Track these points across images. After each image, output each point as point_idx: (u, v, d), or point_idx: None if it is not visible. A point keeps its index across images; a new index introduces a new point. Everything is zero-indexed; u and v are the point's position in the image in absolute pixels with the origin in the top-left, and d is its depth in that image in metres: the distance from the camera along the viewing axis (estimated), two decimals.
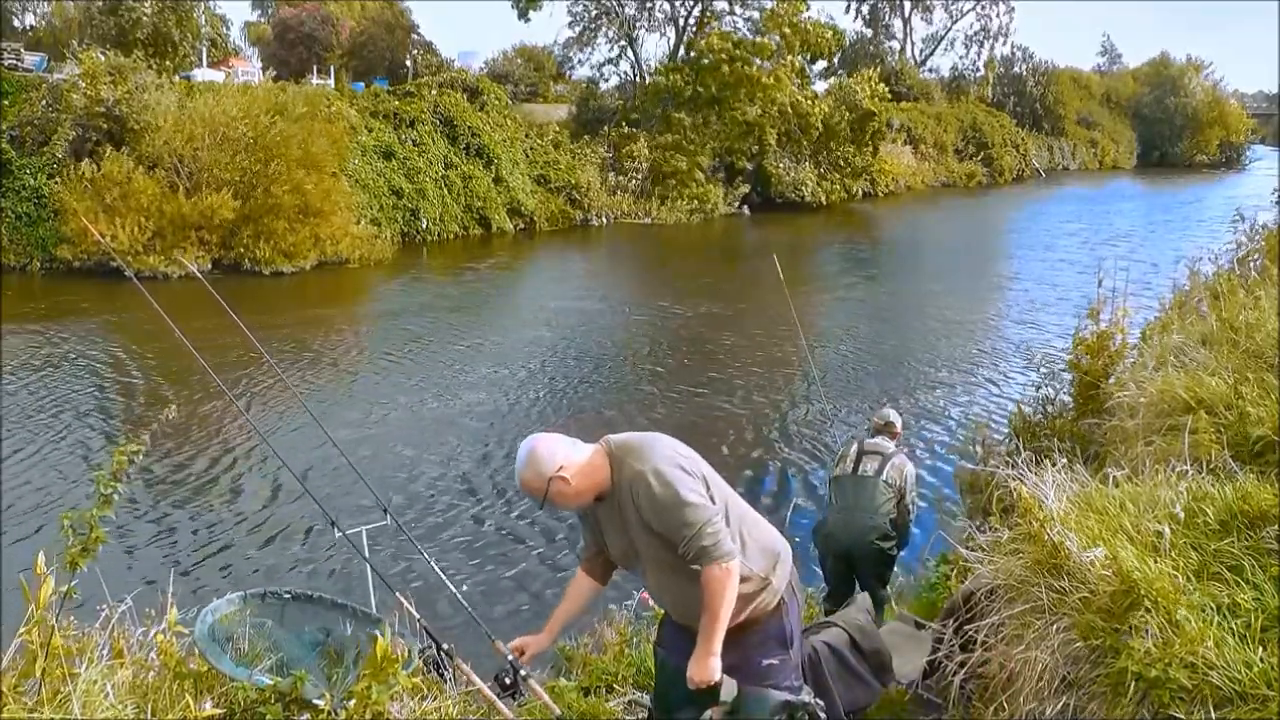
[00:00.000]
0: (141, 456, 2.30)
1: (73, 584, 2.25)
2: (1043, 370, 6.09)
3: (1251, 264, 6.16)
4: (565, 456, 2.76)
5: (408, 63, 40.34)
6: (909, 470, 5.43)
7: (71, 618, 2.54)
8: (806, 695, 2.98)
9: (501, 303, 19.70)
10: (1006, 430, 6.34)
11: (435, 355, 14.78)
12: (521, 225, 28.62)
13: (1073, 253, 25.80)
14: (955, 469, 8.16)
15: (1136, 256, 22.09)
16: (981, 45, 54.46)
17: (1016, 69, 56.29)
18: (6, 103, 21.33)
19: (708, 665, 2.76)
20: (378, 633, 2.42)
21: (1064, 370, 5.82)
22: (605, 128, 34.19)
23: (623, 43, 38.00)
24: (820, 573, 5.72)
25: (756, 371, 13.79)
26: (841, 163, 37.14)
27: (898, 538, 5.33)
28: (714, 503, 2.76)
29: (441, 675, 3.24)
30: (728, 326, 16.95)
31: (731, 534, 2.80)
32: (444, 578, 4.07)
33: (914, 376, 13.72)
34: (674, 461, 2.71)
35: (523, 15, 37.52)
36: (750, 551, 2.85)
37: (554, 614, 3.11)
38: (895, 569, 5.67)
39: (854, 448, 5.49)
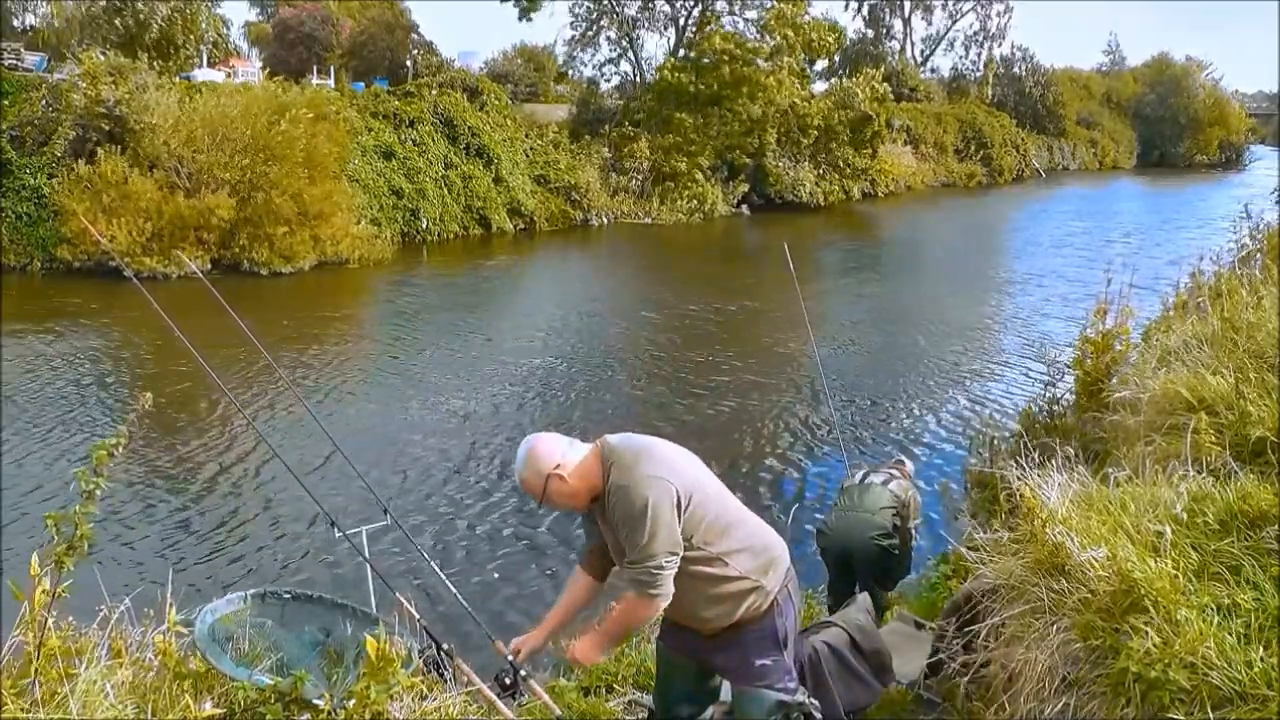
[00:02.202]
0: (121, 450, 2.29)
1: (61, 583, 2.24)
2: (1053, 369, 6.11)
3: (1253, 263, 6.16)
4: (563, 455, 2.80)
5: (408, 63, 40.32)
6: (915, 495, 5.52)
7: (70, 618, 2.54)
8: (801, 695, 3.01)
9: (502, 303, 19.70)
10: (1014, 429, 6.35)
11: (436, 355, 14.78)
12: (521, 225, 28.62)
13: (1076, 252, 25.80)
14: (964, 468, 8.17)
15: (1141, 256, 22.09)
16: (981, 45, 54.53)
17: (1016, 69, 56.28)
18: (6, 103, 21.31)
19: (589, 654, 3.00)
20: (371, 633, 2.42)
21: (1069, 369, 5.83)
22: (606, 128, 34.19)
23: (624, 43, 38.03)
24: (824, 573, 5.74)
25: (760, 371, 13.78)
26: (840, 163, 37.12)
27: (899, 555, 5.32)
28: (698, 510, 2.79)
29: (441, 675, 3.24)
30: (731, 326, 16.96)
31: (722, 534, 2.84)
32: (444, 578, 4.08)
33: (920, 375, 13.71)
34: (656, 482, 2.72)
35: (524, 16, 37.58)
36: (742, 555, 2.87)
37: (550, 614, 3.13)
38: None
39: (864, 468, 5.64)
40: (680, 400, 12.49)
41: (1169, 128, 63.84)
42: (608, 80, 38.51)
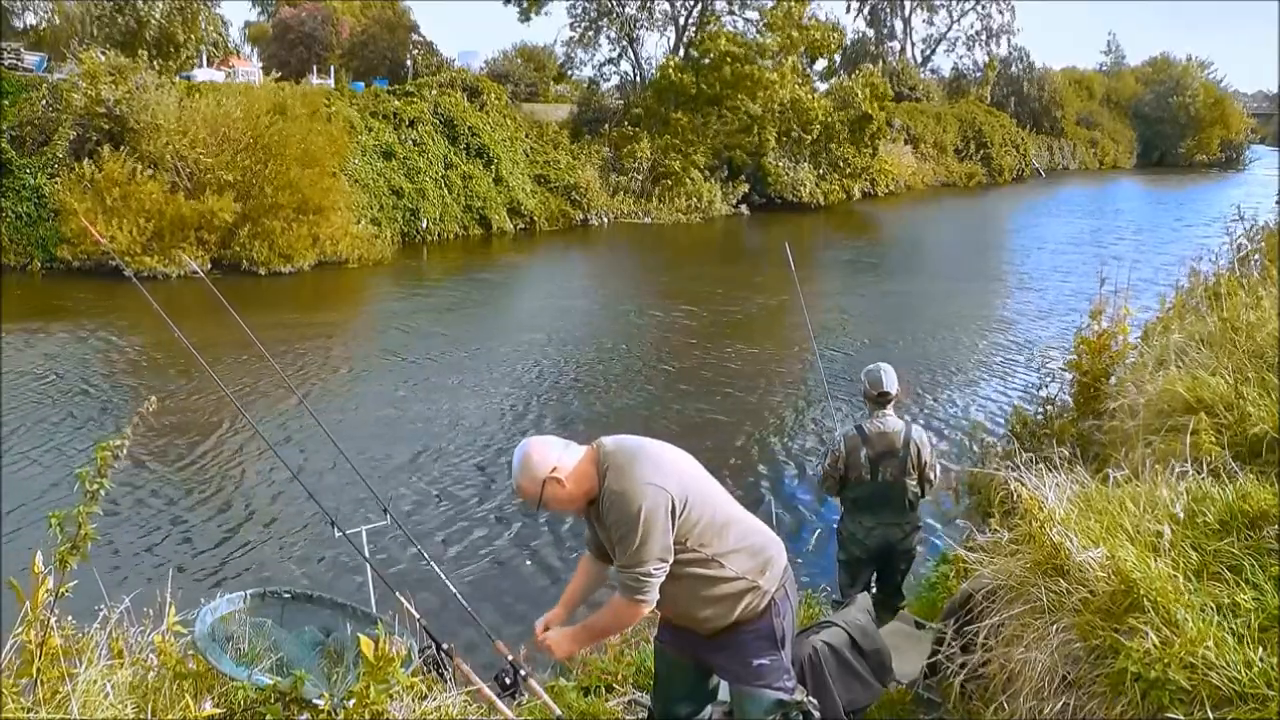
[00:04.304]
0: (125, 452, 2.29)
1: (65, 583, 2.24)
2: (1043, 371, 6.10)
3: (1252, 264, 6.17)
4: (559, 459, 2.79)
5: (408, 63, 40.32)
6: (924, 441, 4.98)
7: (70, 618, 2.54)
8: (800, 694, 3.01)
9: (502, 303, 19.70)
10: (1005, 430, 6.35)
11: (436, 356, 14.76)
12: (522, 225, 28.61)
13: (1076, 252, 25.80)
14: (956, 469, 8.15)
15: (1141, 256, 22.10)
16: (985, 44, 54.48)
17: (1014, 69, 56.28)
18: (6, 103, 21.31)
19: (564, 646, 2.99)
20: (370, 634, 2.43)
21: (1065, 370, 5.82)
22: (606, 127, 34.20)
23: (623, 43, 38.02)
24: (827, 574, 5.70)
25: (760, 370, 13.78)
26: (841, 163, 37.12)
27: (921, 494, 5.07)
28: (694, 513, 2.79)
29: (441, 675, 3.24)
30: (731, 326, 16.95)
31: (718, 535, 2.85)
32: (444, 578, 4.07)
33: (917, 375, 13.69)
34: (650, 489, 2.72)
35: (525, 17, 37.63)
36: (738, 555, 2.88)
37: (568, 590, 3.15)
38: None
39: (862, 451, 4.92)
40: (680, 400, 12.49)
41: (1169, 128, 63.84)
42: (607, 80, 38.56)
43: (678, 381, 13.39)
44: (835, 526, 5.39)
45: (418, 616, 3.50)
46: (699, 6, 37.32)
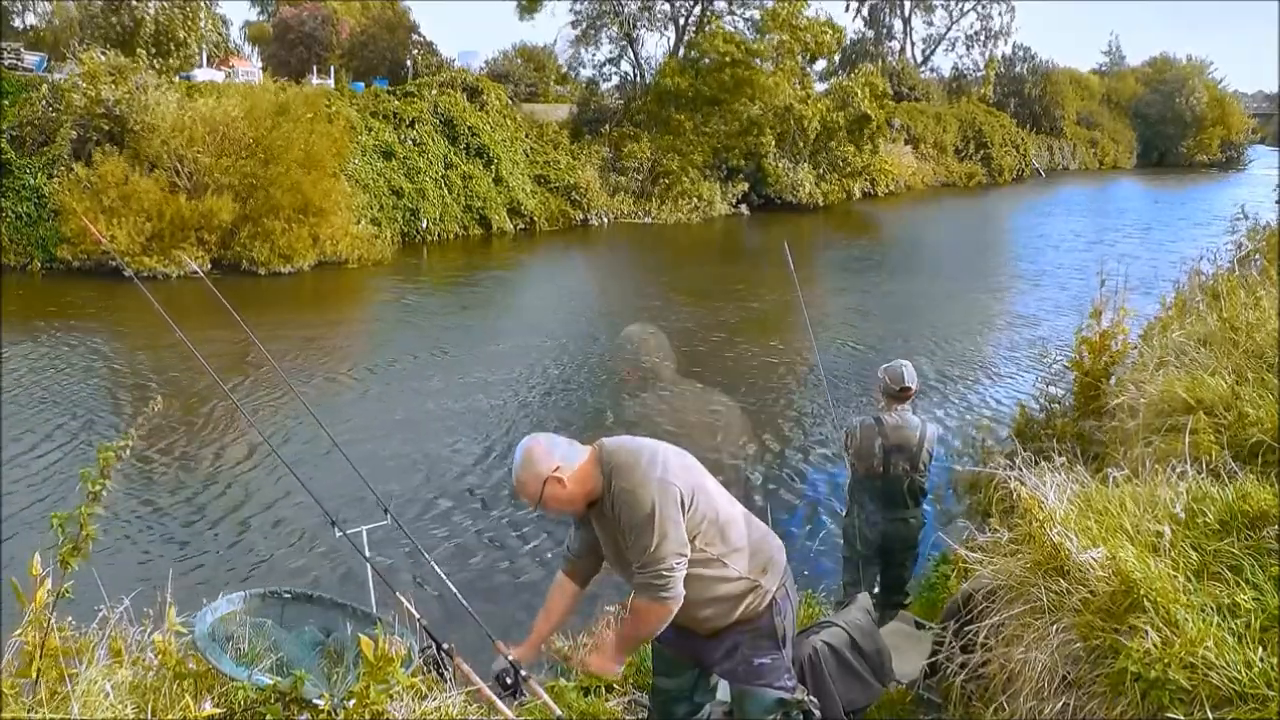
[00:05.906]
0: (128, 453, 2.30)
1: (66, 584, 2.24)
2: (1051, 370, 6.10)
3: (1252, 264, 6.17)
4: (561, 457, 2.78)
5: (408, 63, 40.31)
6: (934, 441, 5.13)
7: (69, 618, 2.54)
8: (801, 693, 3.01)
9: (502, 303, 19.69)
10: (1008, 430, 6.35)
11: (437, 355, 14.77)
12: (522, 225, 28.62)
13: (1080, 251, 25.79)
14: (956, 469, 8.14)
15: (1142, 255, 22.09)
16: (984, 45, 54.41)
17: (1017, 69, 56.24)
18: (6, 103, 21.32)
19: (603, 665, 2.98)
20: (369, 633, 2.43)
21: (1067, 370, 5.83)
22: (606, 127, 34.19)
23: (624, 42, 38.02)
24: (830, 572, 5.71)
25: (760, 372, 13.77)
26: (841, 163, 37.09)
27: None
28: (699, 511, 2.78)
29: (442, 675, 3.24)
30: (731, 326, 16.94)
31: (720, 534, 2.84)
32: (444, 577, 4.07)
33: (924, 375, 13.67)
34: (660, 483, 2.71)
35: (527, 13, 37.66)
36: (740, 554, 2.88)
37: (537, 625, 3.12)
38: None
39: (877, 442, 5.02)
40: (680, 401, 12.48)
41: (1170, 128, 63.83)
42: (607, 80, 38.56)
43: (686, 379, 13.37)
44: (843, 524, 5.46)
45: (418, 616, 3.49)
46: (698, 7, 37.32)
